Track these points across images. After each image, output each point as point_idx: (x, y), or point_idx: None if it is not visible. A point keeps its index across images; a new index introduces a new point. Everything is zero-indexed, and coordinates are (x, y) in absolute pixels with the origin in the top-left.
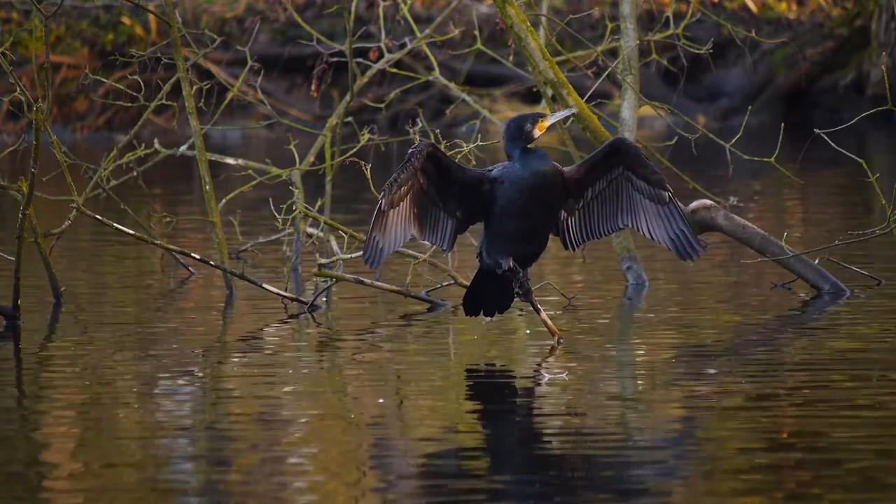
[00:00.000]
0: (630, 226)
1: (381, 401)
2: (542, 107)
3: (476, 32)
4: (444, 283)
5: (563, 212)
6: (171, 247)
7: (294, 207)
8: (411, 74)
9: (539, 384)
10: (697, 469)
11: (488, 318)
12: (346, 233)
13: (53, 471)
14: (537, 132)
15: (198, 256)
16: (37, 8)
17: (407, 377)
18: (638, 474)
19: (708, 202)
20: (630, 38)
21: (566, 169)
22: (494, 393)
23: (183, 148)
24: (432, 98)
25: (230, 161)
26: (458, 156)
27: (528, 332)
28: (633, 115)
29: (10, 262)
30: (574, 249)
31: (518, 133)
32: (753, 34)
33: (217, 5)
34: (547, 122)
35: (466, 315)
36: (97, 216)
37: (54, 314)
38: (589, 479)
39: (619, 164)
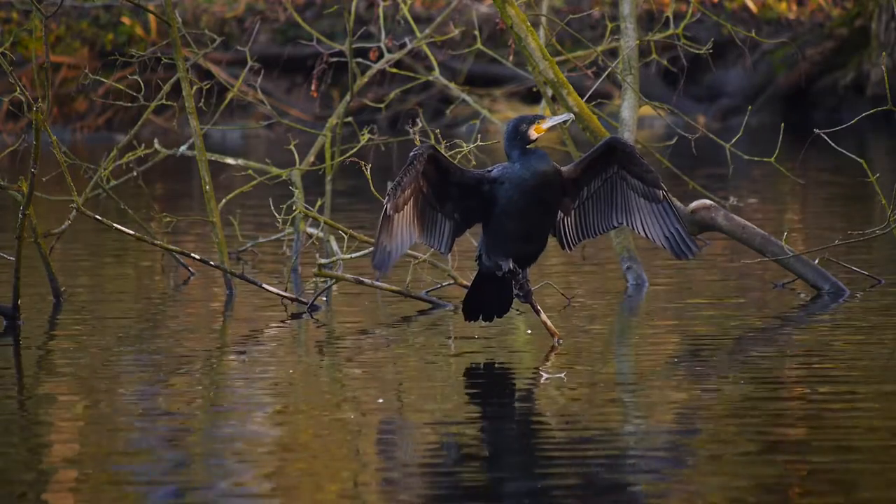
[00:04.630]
0: (625, 224)
1: (380, 400)
2: (542, 107)
3: (476, 32)
4: (445, 284)
5: (559, 211)
6: (171, 247)
7: (294, 207)
8: (411, 74)
9: (538, 384)
10: (697, 469)
11: (488, 323)
12: (346, 233)
13: (53, 470)
14: (534, 133)
15: (198, 256)
16: (37, 8)
17: (407, 377)
18: (637, 474)
19: (708, 202)
20: (630, 38)
21: (563, 168)
22: (494, 393)
23: (183, 148)
24: (432, 98)
25: (230, 161)
26: (458, 156)
27: (528, 332)
28: (633, 115)
29: (10, 262)
30: (571, 249)
31: (515, 134)
32: (753, 34)
33: (217, 5)
34: (545, 125)
35: (466, 320)
36: (97, 216)
37: (54, 314)
38: (588, 479)
39: (614, 163)
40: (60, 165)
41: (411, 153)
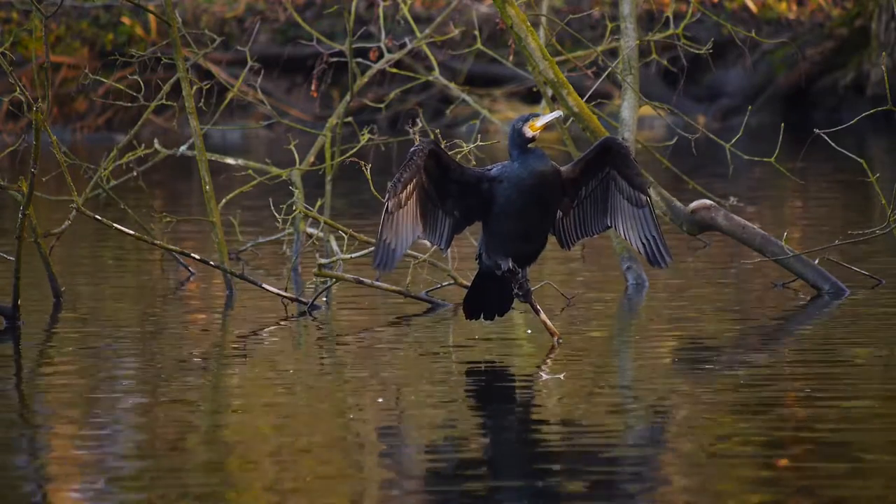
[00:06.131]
0: (610, 225)
1: (380, 401)
2: (542, 107)
3: (476, 32)
4: (444, 284)
5: (559, 211)
6: (171, 247)
7: (294, 207)
8: (411, 74)
9: (538, 385)
10: (696, 469)
11: (488, 322)
12: (346, 233)
13: (53, 470)
14: (529, 132)
15: (198, 256)
16: (37, 8)
17: (407, 377)
18: (637, 474)
19: (708, 202)
20: (630, 38)
21: (562, 168)
22: (494, 393)
23: (183, 148)
24: (432, 98)
25: (230, 161)
26: (458, 156)
27: (528, 332)
28: (633, 115)
29: (10, 262)
30: (569, 248)
31: (512, 133)
32: (753, 34)
33: (217, 5)
34: (538, 123)
35: (467, 319)
36: (97, 216)
37: (54, 314)
38: (588, 479)
39: (608, 164)
40: (60, 165)
41: (412, 148)
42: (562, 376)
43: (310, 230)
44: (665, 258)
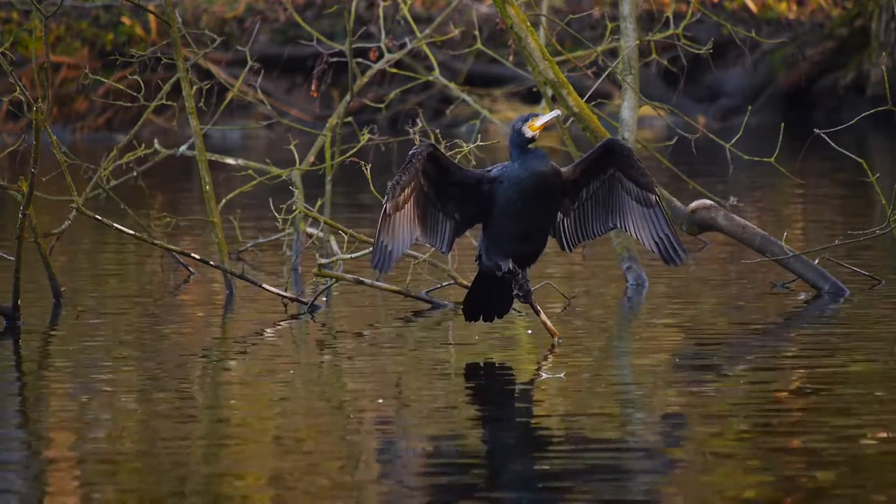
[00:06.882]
0: (618, 226)
1: (380, 401)
2: (542, 107)
3: (476, 32)
4: (444, 284)
5: (559, 213)
6: (171, 247)
7: (294, 207)
8: (411, 74)
9: (538, 384)
10: (696, 470)
11: (488, 324)
12: (346, 233)
13: (53, 471)
14: (529, 132)
15: (198, 256)
16: (37, 8)
17: (407, 377)
18: (637, 475)
19: (708, 202)
20: (630, 38)
21: (563, 169)
22: (494, 393)
23: (183, 148)
24: (432, 98)
25: (230, 161)
26: (458, 156)
27: (528, 332)
28: (633, 115)
29: (10, 262)
30: (570, 250)
31: (512, 134)
32: (753, 34)
33: (217, 5)
34: (537, 123)
35: (466, 320)
36: (97, 216)
37: (54, 314)
38: (588, 479)
39: (612, 165)
40: (60, 165)
41: (411, 151)
42: (562, 376)
43: (310, 230)
44: (680, 255)
